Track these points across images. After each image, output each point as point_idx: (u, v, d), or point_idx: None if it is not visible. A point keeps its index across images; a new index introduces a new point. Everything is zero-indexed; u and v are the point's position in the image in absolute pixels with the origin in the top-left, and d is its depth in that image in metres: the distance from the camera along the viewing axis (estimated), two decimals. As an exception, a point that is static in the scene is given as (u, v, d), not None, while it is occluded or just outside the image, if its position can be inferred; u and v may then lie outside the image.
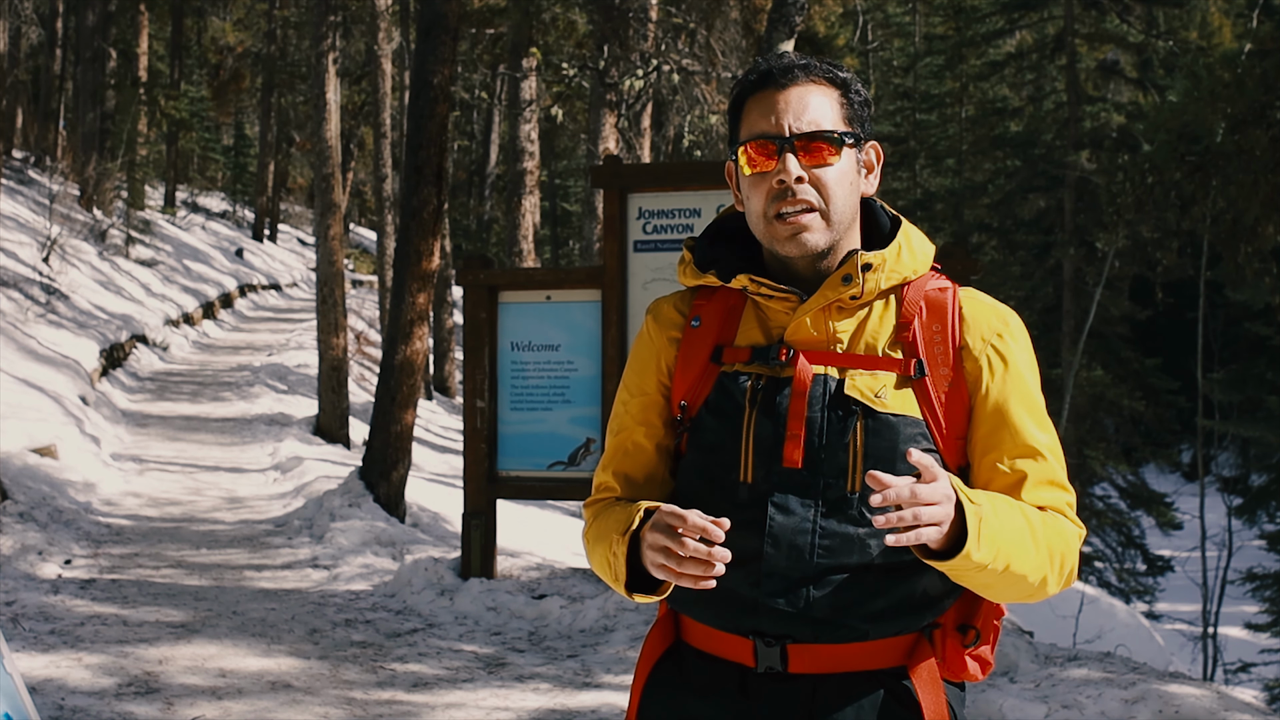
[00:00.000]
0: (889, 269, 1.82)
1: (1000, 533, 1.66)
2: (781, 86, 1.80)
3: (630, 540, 1.76)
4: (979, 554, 1.63)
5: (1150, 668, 5.66)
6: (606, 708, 5.44)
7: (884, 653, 1.79)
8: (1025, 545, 1.71)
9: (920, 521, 1.56)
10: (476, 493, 7.57)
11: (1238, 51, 14.63)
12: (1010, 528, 1.69)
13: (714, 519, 1.63)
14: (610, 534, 1.81)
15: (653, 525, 1.69)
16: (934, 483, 1.58)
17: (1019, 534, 1.70)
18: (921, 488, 1.56)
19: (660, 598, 1.80)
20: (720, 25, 17.17)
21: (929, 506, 1.57)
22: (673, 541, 1.65)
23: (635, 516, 1.76)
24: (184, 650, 6.06)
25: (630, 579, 1.79)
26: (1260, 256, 13.08)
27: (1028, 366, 1.85)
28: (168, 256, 26.87)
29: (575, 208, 39.25)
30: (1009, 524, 1.69)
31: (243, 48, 37.80)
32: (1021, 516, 1.73)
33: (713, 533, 1.62)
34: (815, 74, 1.81)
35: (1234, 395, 21.15)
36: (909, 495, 1.55)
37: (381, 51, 18.82)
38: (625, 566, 1.78)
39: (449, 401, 22.13)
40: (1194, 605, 20.62)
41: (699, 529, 1.62)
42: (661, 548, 1.66)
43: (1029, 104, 30.16)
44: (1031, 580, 1.73)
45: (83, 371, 14.28)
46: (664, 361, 1.92)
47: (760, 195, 1.79)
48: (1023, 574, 1.71)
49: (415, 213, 9.55)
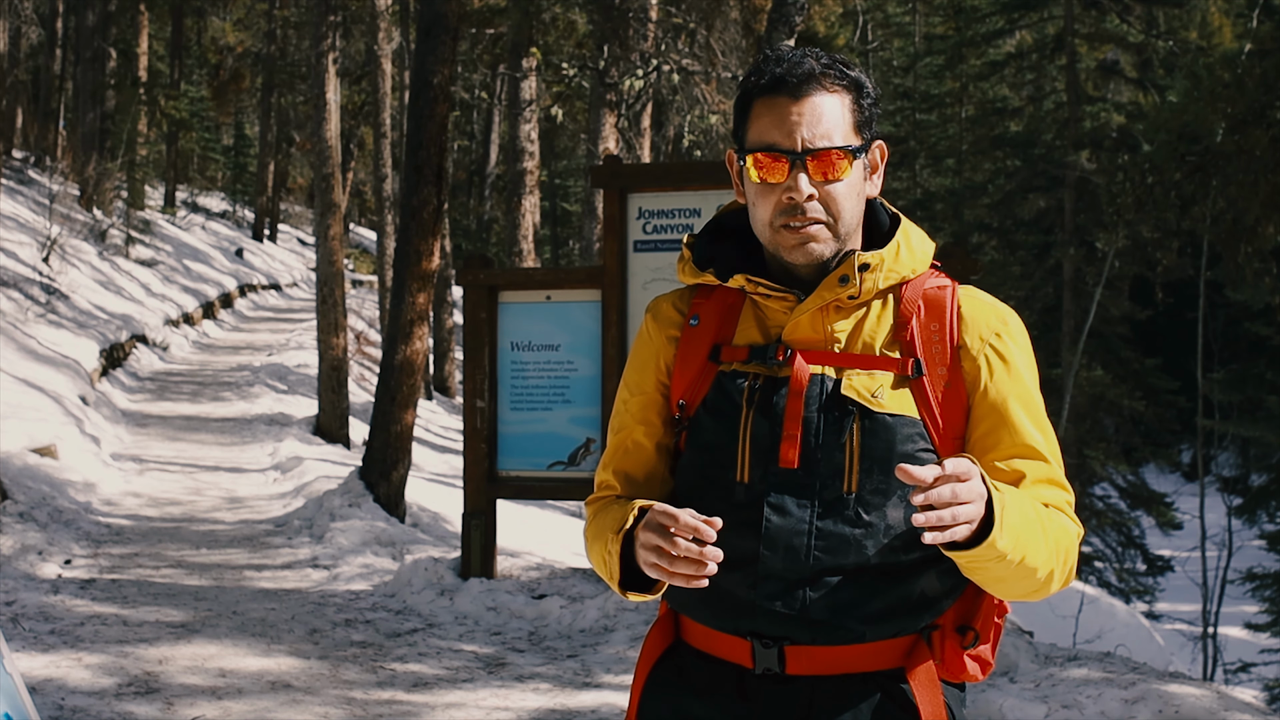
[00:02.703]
0: (887, 268, 1.82)
1: (1019, 523, 1.66)
2: (796, 96, 1.76)
3: (624, 539, 1.76)
4: (1003, 542, 1.62)
5: (1150, 668, 5.66)
6: (606, 708, 5.44)
7: (881, 654, 1.79)
8: (1038, 537, 1.70)
9: (958, 520, 1.56)
10: (476, 493, 7.57)
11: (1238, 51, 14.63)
12: (1026, 519, 1.68)
13: (706, 518, 1.63)
14: (606, 532, 1.81)
15: (645, 524, 1.69)
16: (970, 482, 1.57)
17: (1033, 525, 1.69)
18: (961, 488, 1.56)
19: (654, 596, 1.80)
20: (720, 25, 17.17)
21: (965, 505, 1.57)
22: (665, 541, 1.64)
23: (629, 515, 1.76)
24: (184, 650, 6.06)
25: (625, 577, 1.79)
26: (1260, 256, 13.08)
27: (1026, 366, 1.84)
28: (168, 256, 26.87)
29: (575, 208, 39.24)
30: (1026, 515, 1.68)
31: (243, 48, 37.80)
32: (1034, 508, 1.72)
33: (704, 532, 1.62)
34: (830, 80, 1.78)
35: (1234, 395, 21.14)
36: (950, 495, 1.55)
37: (381, 51, 18.82)
38: (620, 565, 1.78)
39: (449, 401, 22.13)
40: (1194, 605, 20.62)
41: (691, 528, 1.62)
42: (654, 547, 1.66)
43: (1029, 104, 30.16)
44: (1040, 575, 1.72)
45: (83, 371, 14.28)
46: (663, 360, 1.92)
47: (768, 206, 1.78)
48: (1034, 567, 1.70)
49: (415, 213, 9.55)
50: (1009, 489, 1.69)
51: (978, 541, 1.62)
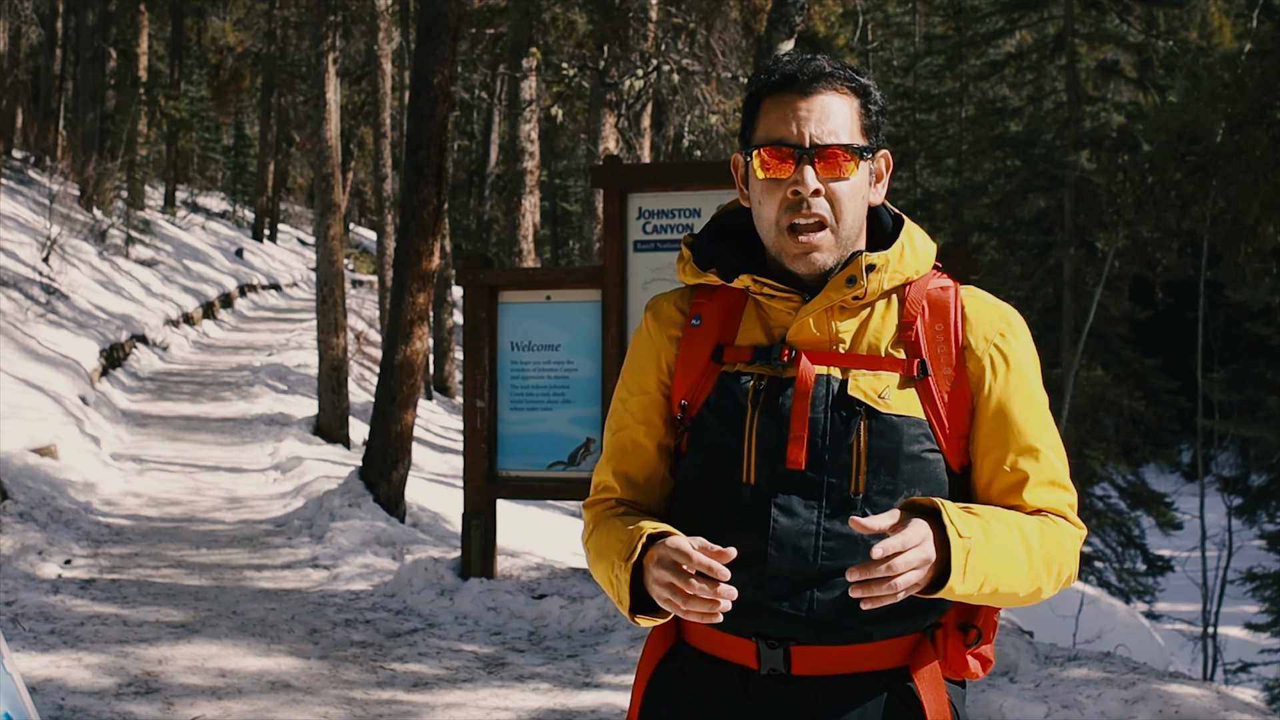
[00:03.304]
0: (892, 269, 1.81)
1: (991, 559, 1.68)
2: (805, 93, 1.77)
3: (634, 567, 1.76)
4: (962, 588, 1.65)
5: (1150, 668, 5.66)
6: (606, 708, 5.44)
7: (887, 653, 1.79)
8: (1018, 566, 1.72)
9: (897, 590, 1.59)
10: (476, 493, 7.57)
11: (1238, 51, 14.63)
12: (1003, 551, 1.69)
13: (719, 550, 1.63)
14: (612, 555, 1.80)
15: (659, 561, 1.69)
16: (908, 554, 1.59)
17: (1011, 556, 1.71)
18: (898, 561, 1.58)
19: (664, 620, 1.79)
20: (720, 25, 17.17)
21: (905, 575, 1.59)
22: (679, 579, 1.65)
23: (637, 544, 1.75)
24: (184, 650, 6.06)
25: (634, 602, 1.79)
26: (1260, 256, 13.09)
27: (1030, 366, 1.84)
28: (168, 256, 26.87)
29: (575, 208, 39.25)
30: (1002, 547, 1.69)
31: (243, 48, 37.79)
32: (1018, 535, 1.73)
33: (718, 571, 1.63)
34: (838, 81, 1.79)
35: (1234, 395, 21.14)
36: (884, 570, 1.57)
37: (381, 51, 18.82)
38: (630, 592, 1.77)
39: (449, 401, 22.13)
40: (1194, 605, 20.62)
41: (705, 567, 1.63)
42: (667, 584, 1.67)
43: (1029, 104, 30.15)
44: (1022, 593, 1.75)
45: (83, 371, 14.28)
46: (664, 360, 1.91)
47: (774, 203, 1.78)
48: (1012, 592, 1.73)
49: (415, 213, 9.55)
50: (990, 518, 1.71)
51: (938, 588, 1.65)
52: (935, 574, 1.64)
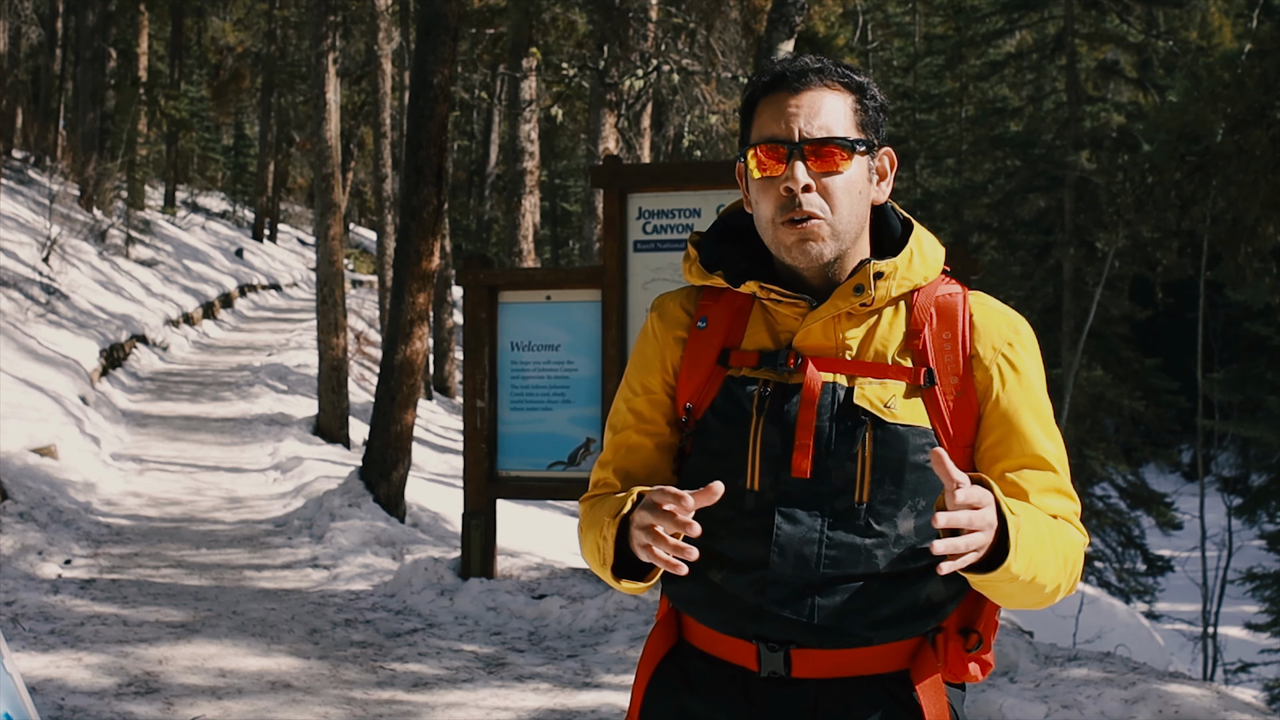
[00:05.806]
0: (900, 276, 1.80)
1: (1032, 544, 1.67)
2: (795, 90, 1.77)
3: (621, 524, 1.76)
4: (1017, 566, 1.64)
5: (1150, 668, 5.66)
6: (606, 708, 5.44)
7: (887, 657, 1.79)
8: (1050, 555, 1.71)
9: (970, 548, 1.57)
10: (476, 493, 7.57)
11: (1238, 51, 14.62)
12: (1040, 538, 1.69)
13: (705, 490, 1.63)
14: (602, 519, 1.80)
15: (641, 505, 1.69)
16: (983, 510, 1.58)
17: (1045, 543, 1.70)
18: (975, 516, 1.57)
19: (646, 586, 1.79)
20: (720, 25, 17.17)
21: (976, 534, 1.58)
22: (654, 517, 1.65)
23: (628, 501, 1.75)
24: (184, 650, 6.06)
25: (617, 563, 1.78)
26: (1260, 256, 13.09)
27: (1037, 375, 1.84)
28: (168, 256, 26.87)
29: (575, 208, 39.25)
30: (1039, 534, 1.69)
31: (243, 48, 37.81)
32: (1047, 525, 1.73)
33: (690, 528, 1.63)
34: (830, 77, 1.78)
35: (1234, 395, 21.16)
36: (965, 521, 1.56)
37: (381, 51, 18.82)
38: (614, 550, 1.77)
39: (449, 401, 22.13)
40: (1194, 605, 20.63)
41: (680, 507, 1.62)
42: (646, 525, 1.66)
43: (1029, 104, 30.17)
44: (1048, 589, 1.74)
45: (83, 371, 14.28)
46: (669, 361, 1.90)
47: (769, 201, 1.77)
48: (1044, 583, 1.72)
49: (415, 213, 9.55)
50: (1023, 506, 1.70)
51: (993, 566, 1.63)
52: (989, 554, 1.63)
